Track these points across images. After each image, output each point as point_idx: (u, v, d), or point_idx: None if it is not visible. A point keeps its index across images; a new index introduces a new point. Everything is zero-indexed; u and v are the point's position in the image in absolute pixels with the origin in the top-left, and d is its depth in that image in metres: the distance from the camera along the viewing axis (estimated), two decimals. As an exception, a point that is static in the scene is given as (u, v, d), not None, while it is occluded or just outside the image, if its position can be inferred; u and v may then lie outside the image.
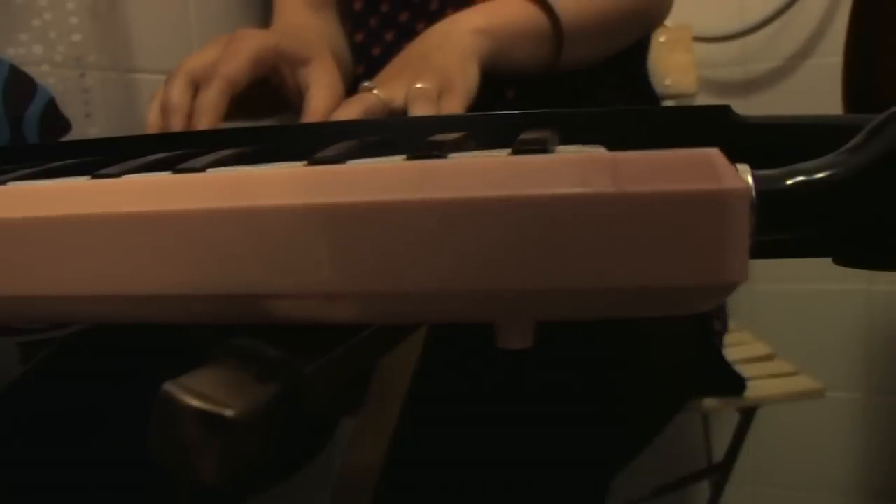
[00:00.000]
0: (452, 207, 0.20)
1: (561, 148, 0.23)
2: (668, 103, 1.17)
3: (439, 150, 0.21)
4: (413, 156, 0.22)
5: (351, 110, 0.53)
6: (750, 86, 1.29)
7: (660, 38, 1.13)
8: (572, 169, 0.20)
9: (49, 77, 0.76)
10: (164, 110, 0.50)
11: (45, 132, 0.74)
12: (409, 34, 0.79)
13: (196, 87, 0.51)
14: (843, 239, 0.29)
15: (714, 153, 0.21)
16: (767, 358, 0.99)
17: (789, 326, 1.25)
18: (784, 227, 0.26)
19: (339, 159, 0.22)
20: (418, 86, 0.55)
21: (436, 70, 0.57)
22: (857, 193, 0.25)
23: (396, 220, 0.20)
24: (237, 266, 0.22)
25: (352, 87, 0.82)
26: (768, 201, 0.24)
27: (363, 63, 0.82)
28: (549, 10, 0.66)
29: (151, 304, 0.24)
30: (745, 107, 1.19)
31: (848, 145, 0.26)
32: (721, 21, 1.27)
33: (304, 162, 0.24)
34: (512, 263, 0.20)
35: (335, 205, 0.21)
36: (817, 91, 1.25)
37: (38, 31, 0.75)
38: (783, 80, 1.28)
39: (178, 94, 0.51)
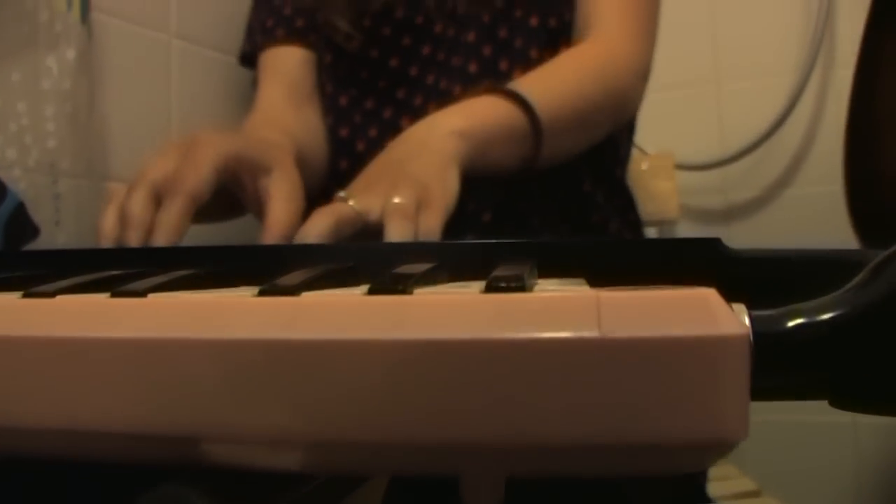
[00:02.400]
0: (413, 350, 0.18)
1: (540, 284, 0.21)
2: (651, 230, 1.17)
3: (404, 285, 0.19)
4: (376, 289, 0.19)
5: (323, 221, 0.51)
6: (730, 214, 1.30)
7: (642, 165, 1.14)
8: (552, 310, 0.18)
9: (20, 182, 0.74)
10: (123, 222, 0.48)
11: (12, 237, 0.72)
12: (393, 130, 0.79)
13: (157, 199, 0.49)
14: (843, 383, 0.27)
15: (710, 294, 0.19)
16: (753, 495, 0.95)
17: (775, 459, 1.21)
18: (783, 373, 0.24)
19: (295, 289, 0.20)
20: (395, 200, 0.53)
21: (413, 180, 0.56)
22: (861, 337, 0.23)
23: (352, 362, 0.18)
24: (171, 404, 0.19)
25: (333, 179, 0.82)
26: (767, 345, 0.22)
27: (346, 157, 0.82)
28: (526, 108, 0.66)
29: (73, 439, 0.21)
30: (726, 234, 1.20)
31: (850, 284, 0.24)
32: (702, 150, 1.29)
33: (258, 289, 0.21)
34: (481, 413, 0.18)
35: (285, 342, 0.18)
36: (796, 220, 1.26)
37: (13, 136, 0.74)
38: (763, 209, 1.29)
39: (139, 207, 0.49)
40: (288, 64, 0.85)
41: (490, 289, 0.19)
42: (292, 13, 0.86)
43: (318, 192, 0.83)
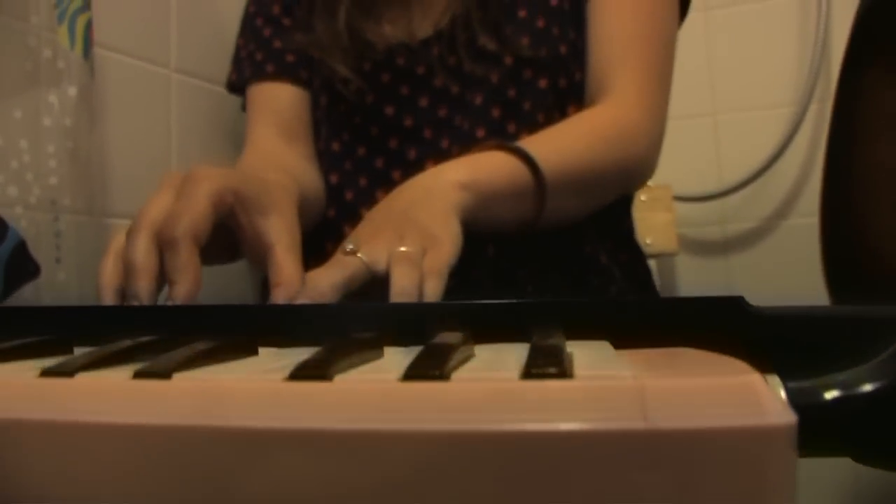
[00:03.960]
0: (456, 441, 0.17)
1: (578, 367, 0.20)
2: (650, 262, 1.17)
3: (441, 369, 0.19)
4: (412, 373, 0.19)
5: (334, 276, 0.50)
6: (729, 245, 1.30)
7: (640, 196, 1.14)
8: (596, 400, 0.17)
9: (21, 220, 0.73)
10: (128, 271, 0.47)
11: (12, 276, 0.71)
12: (383, 181, 0.78)
13: (157, 241, 0.48)
14: (876, 450, 0.27)
15: (755, 381, 0.19)
16: None
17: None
18: (818, 443, 0.23)
19: (325, 370, 0.20)
20: (402, 249, 0.53)
21: (419, 228, 0.56)
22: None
23: (388, 453, 0.17)
24: (197, 495, 0.19)
25: (323, 228, 0.81)
26: (803, 418, 0.21)
27: (335, 206, 0.81)
28: (531, 165, 0.65)
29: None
30: (725, 266, 1.20)
31: (887, 354, 0.24)
32: (700, 182, 1.30)
33: (289, 371, 0.21)
34: (524, 506, 0.17)
35: (321, 431, 0.18)
36: (794, 250, 1.26)
37: (14, 173, 0.74)
38: (761, 240, 1.29)
39: (142, 253, 0.47)
40: (279, 102, 0.84)
41: (530, 374, 0.19)
42: (283, 48, 0.85)
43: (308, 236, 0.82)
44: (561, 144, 0.70)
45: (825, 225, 1.00)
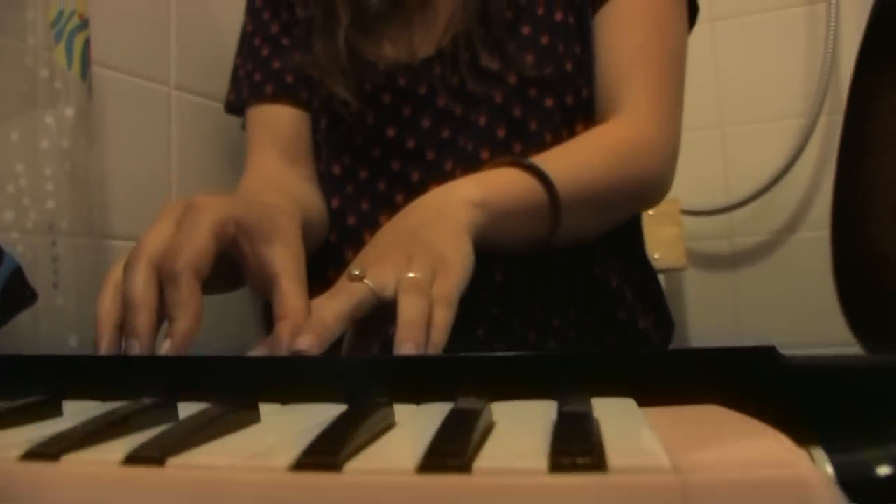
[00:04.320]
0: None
1: (609, 445, 0.19)
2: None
3: (461, 459, 0.17)
4: (428, 465, 0.17)
5: (340, 305, 0.49)
6: (737, 259, 1.29)
7: (648, 210, 1.12)
8: (635, 499, 0.16)
9: (18, 245, 0.72)
10: (126, 306, 0.45)
11: (9, 303, 0.70)
12: (386, 204, 0.76)
13: (157, 273, 0.46)
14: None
15: (807, 476, 0.17)
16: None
17: None
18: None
19: (334, 458, 0.18)
20: (410, 275, 0.51)
21: (428, 250, 0.54)
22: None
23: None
24: None
25: (325, 254, 0.79)
26: (852, 497, 0.20)
27: (336, 230, 0.79)
28: (545, 182, 0.64)
29: None
30: (732, 280, 1.18)
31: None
32: (708, 195, 1.28)
33: (294, 459, 0.19)
34: None
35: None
36: (804, 264, 1.24)
37: (11, 197, 0.72)
38: (770, 254, 1.27)
39: (141, 287, 0.45)
40: (279, 124, 0.82)
41: (560, 465, 0.17)
42: (282, 68, 0.84)
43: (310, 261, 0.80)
44: (574, 161, 0.68)
45: (835, 236, 0.98)
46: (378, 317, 0.51)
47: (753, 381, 0.28)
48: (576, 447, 0.18)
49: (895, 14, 0.73)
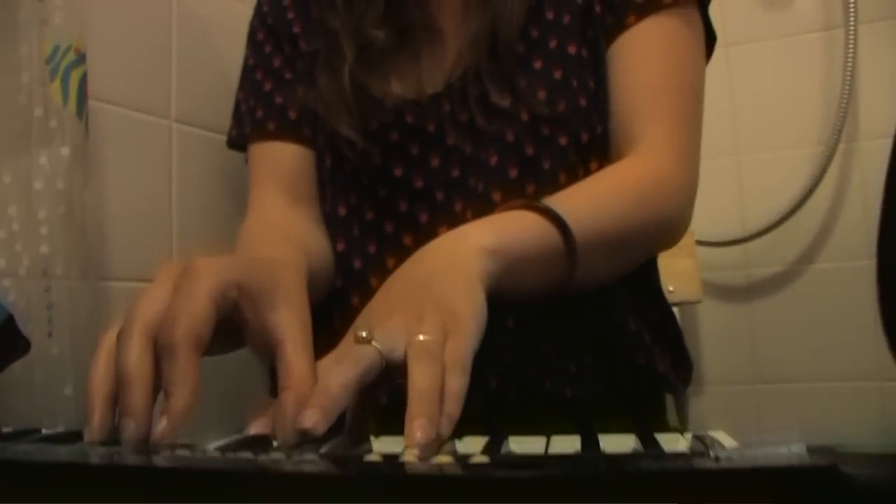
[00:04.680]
0: None
1: None
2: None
3: None
4: None
5: (347, 373, 0.45)
6: (753, 290, 1.25)
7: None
8: None
9: (10, 292, 0.69)
10: (121, 380, 0.42)
11: (0, 353, 0.67)
12: (393, 247, 0.73)
13: (154, 343, 0.43)
14: None
15: None
16: None
17: None
18: None
19: None
20: (420, 338, 0.48)
21: (439, 305, 0.50)
22: None
23: None
24: None
25: (331, 299, 0.75)
26: None
27: (342, 275, 0.76)
28: (562, 226, 0.60)
29: None
30: (748, 311, 1.15)
31: None
32: (723, 225, 1.25)
33: None
34: None
35: None
36: (822, 296, 1.21)
37: (3, 243, 0.69)
38: (787, 285, 1.24)
39: (136, 359, 0.42)
40: (282, 163, 0.79)
41: None
42: (284, 103, 0.81)
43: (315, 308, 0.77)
44: (591, 202, 0.65)
45: (883, 259, 0.93)
46: (385, 373, 0.48)
47: (816, 499, 0.25)
48: None
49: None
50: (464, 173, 0.73)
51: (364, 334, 0.48)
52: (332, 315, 0.74)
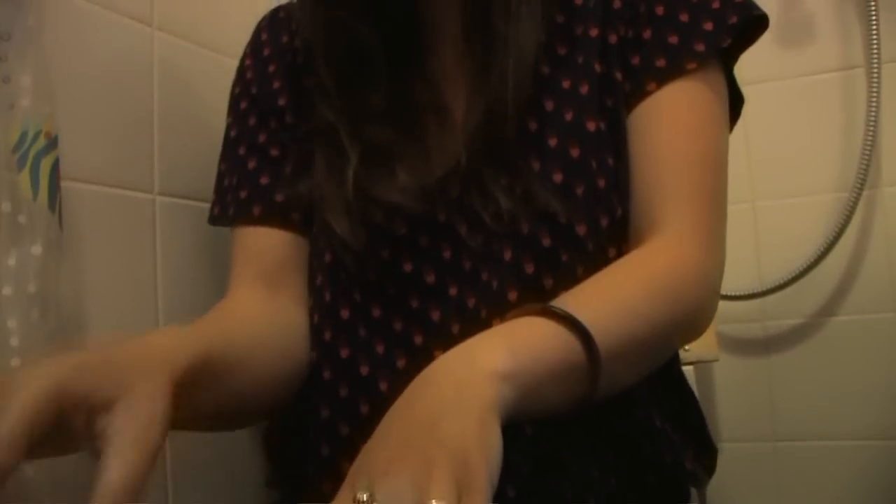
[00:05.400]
0: None
1: None
2: (687, 370, 1.07)
3: None
4: None
5: None
6: (770, 343, 1.19)
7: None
8: None
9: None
10: None
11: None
12: (404, 347, 0.67)
13: None
14: None
15: None
16: None
17: None
18: None
19: None
20: (433, 503, 0.42)
21: (450, 455, 0.44)
22: None
23: None
24: None
25: (334, 408, 0.70)
26: None
27: (347, 384, 0.70)
28: (584, 339, 0.54)
29: None
30: (766, 365, 1.09)
31: None
32: (740, 280, 1.19)
33: None
34: None
35: None
36: (844, 350, 1.16)
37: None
38: (806, 338, 1.18)
39: None
40: (266, 252, 0.74)
41: None
42: (270, 184, 0.75)
43: (297, 409, 0.72)
44: (615, 305, 0.58)
45: None
46: None
47: None
48: None
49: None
50: (476, 267, 0.67)
51: (364, 497, 0.42)
52: (337, 424, 0.68)
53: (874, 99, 1.13)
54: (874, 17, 1.14)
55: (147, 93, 0.84)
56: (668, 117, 0.67)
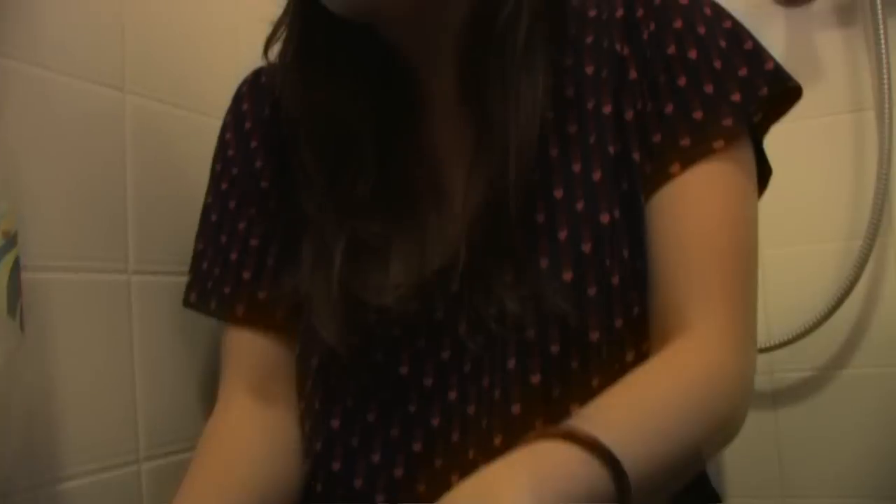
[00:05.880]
0: None
1: None
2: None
3: None
4: None
5: None
6: (778, 396, 1.15)
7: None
8: None
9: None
10: None
11: None
12: (402, 455, 0.62)
13: None
14: None
15: None
16: None
17: None
18: None
19: None
20: None
21: None
22: None
23: None
24: None
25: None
26: None
27: (342, 493, 0.65)
28: (612, 465, 0.48)
29: None
30: (773, 419, 1.04)
31: None
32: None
33: None
34: None
35: None
36: (855, 404, 1.11)
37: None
38: (816, 392, 1.13)
39: None
40: (252, 358, 0.71)
41: None
42: (252, 280, 0.69)
43: None
44: (645, 424, 0.52)
45: None
46: None
47: None
48: None
49: None
50: (477, 371, 0.61)
51: None
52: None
53: (886, 142, 1.08)
54: (885, 57, 1.09)
55: (119, 163, 0.78)
56: (695, 203, 0.61)
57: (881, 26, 1.09)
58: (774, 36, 1.15)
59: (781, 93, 0.64)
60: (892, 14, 1.09)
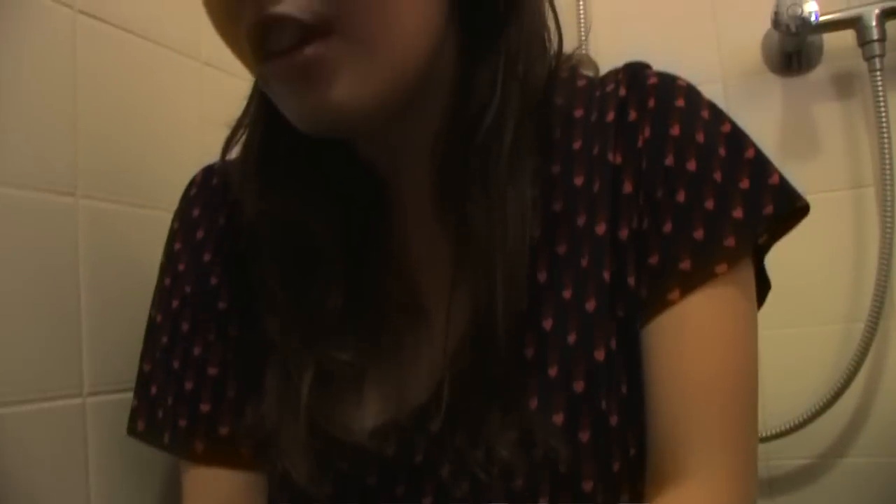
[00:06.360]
0: None
1: None
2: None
3: None
4: None
5: None
6: (774, 484, 1.10)
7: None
8: None
9: None
10: None
11: None
12: None
13: None
14: None
15: None
16: None
17: None
18: None
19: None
20: None
21: None
22: None
23: None
24: None
25: None
26: None
27: None
28: None
29: None
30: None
31: None
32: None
33: None
34: None
35: None
36: (854, 494, 1.07)
37: None
38: (813, 481, 1.09)
39: None
40: (216, 500, 0.64)
41: None
42: (211, 413, 0.64)
43: None
44: None
45: None
46: None
47: None
48: None
49: None
50: None
51: None
52: None
53: (888, 219, 1.04)
54: (885, 131, 1.04)
55: (73, 281, 0.72)
56: (695, 333, 0.56)
57: (881, 98, 1.04)
58: (771, 106, 1.10)
59: (789, 214, 0.59)
60: (893, 87, 1.05)
